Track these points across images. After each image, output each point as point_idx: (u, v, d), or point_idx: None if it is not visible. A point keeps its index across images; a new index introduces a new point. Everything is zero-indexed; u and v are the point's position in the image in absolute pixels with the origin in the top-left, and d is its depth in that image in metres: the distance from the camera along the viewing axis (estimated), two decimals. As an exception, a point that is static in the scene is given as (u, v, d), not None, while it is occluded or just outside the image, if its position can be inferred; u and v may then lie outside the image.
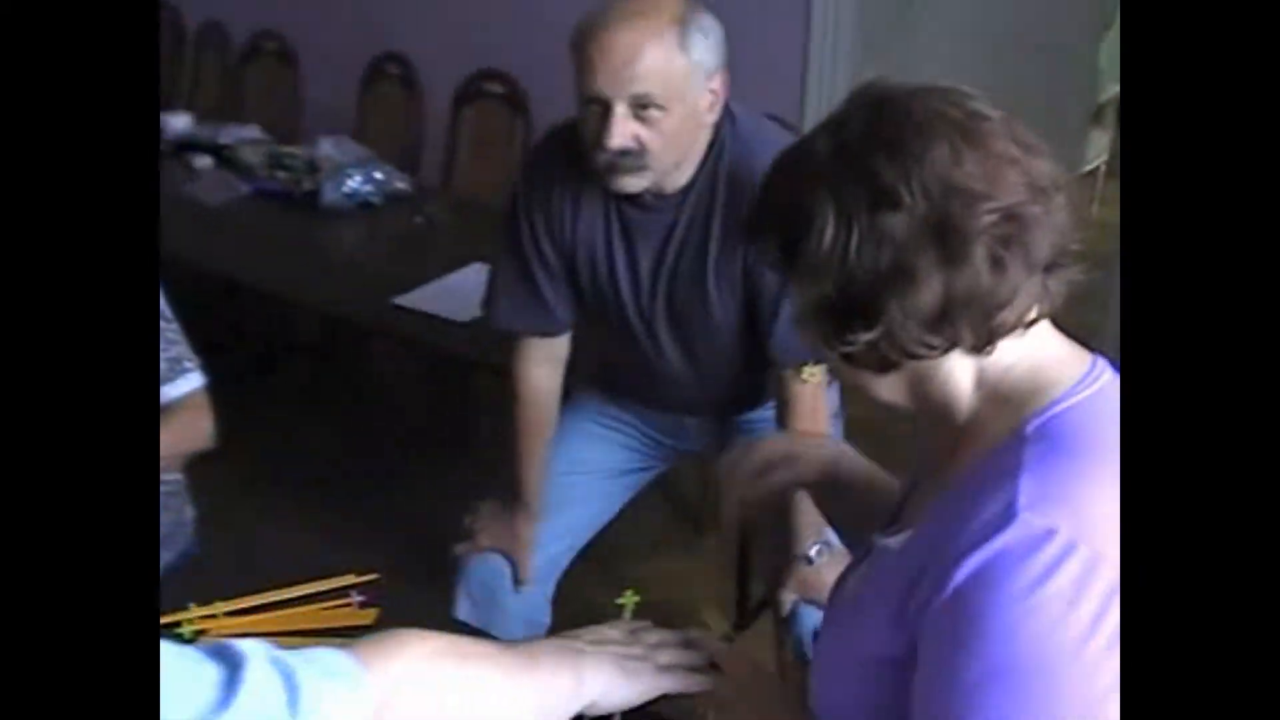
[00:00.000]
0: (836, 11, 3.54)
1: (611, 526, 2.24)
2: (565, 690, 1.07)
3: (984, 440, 1.01)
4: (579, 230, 1.89)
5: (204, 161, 3.73)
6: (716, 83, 1.76)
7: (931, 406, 1.05)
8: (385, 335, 2.91)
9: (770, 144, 1.74)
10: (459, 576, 2.15)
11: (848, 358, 1.01)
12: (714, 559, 2.86)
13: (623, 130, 1.70)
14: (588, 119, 1.74)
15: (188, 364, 1.79)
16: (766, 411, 2.06)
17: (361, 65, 4.11)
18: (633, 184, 1.77)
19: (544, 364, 2.06)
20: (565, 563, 2.17)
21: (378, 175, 3.43)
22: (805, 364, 1.85)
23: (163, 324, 1.76)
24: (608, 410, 2.17)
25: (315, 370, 4.03)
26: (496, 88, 3.77)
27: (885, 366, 1.00)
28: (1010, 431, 0.99)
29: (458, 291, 2.80)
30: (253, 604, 1.64)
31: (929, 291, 0.94)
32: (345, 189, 3.38)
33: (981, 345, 0.98)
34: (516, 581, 2.11)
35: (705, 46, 1.72)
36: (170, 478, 1.82)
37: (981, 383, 1.02)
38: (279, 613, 1.63)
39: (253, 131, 3.92)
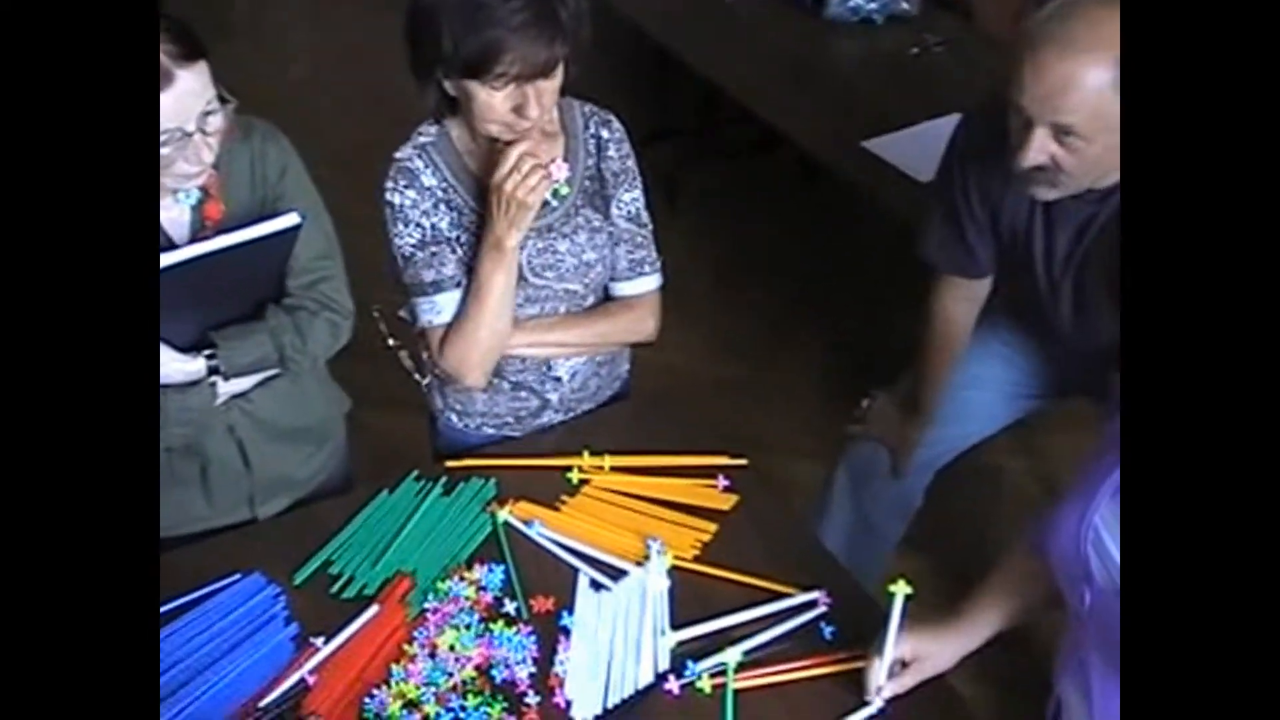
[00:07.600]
0: None
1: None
2: None
3: None
4: (1007, 195, 1.86)
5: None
6: None
7: None
8: (843, 178, 2.93)
9: None
10: (844, 454, 2.29)
11: None
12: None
13: (1040, 150, 1.63)
14: (1012, 120, 1.67)
15: (648, 267, 1.88)
16: None
17: None
18: (1045, 194, 1.72)
19: (962, 302, 2.07)
20: (942, 464, 2.26)
21: (884, -9, 3.38)
22: None
23: (634, 228, 1.85)
24: (1014, 334, 2.16)
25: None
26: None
27: None
28: None
29: (931, 145, 2.76)
30: (633, 465, 1.86)
31: None
32: (850, 3, 3.37)
33: None
34: (894, 472, 2.22)
35: None
36: (608, 353, 1.99)
37: None
38: (652, 480, 1.84)
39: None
